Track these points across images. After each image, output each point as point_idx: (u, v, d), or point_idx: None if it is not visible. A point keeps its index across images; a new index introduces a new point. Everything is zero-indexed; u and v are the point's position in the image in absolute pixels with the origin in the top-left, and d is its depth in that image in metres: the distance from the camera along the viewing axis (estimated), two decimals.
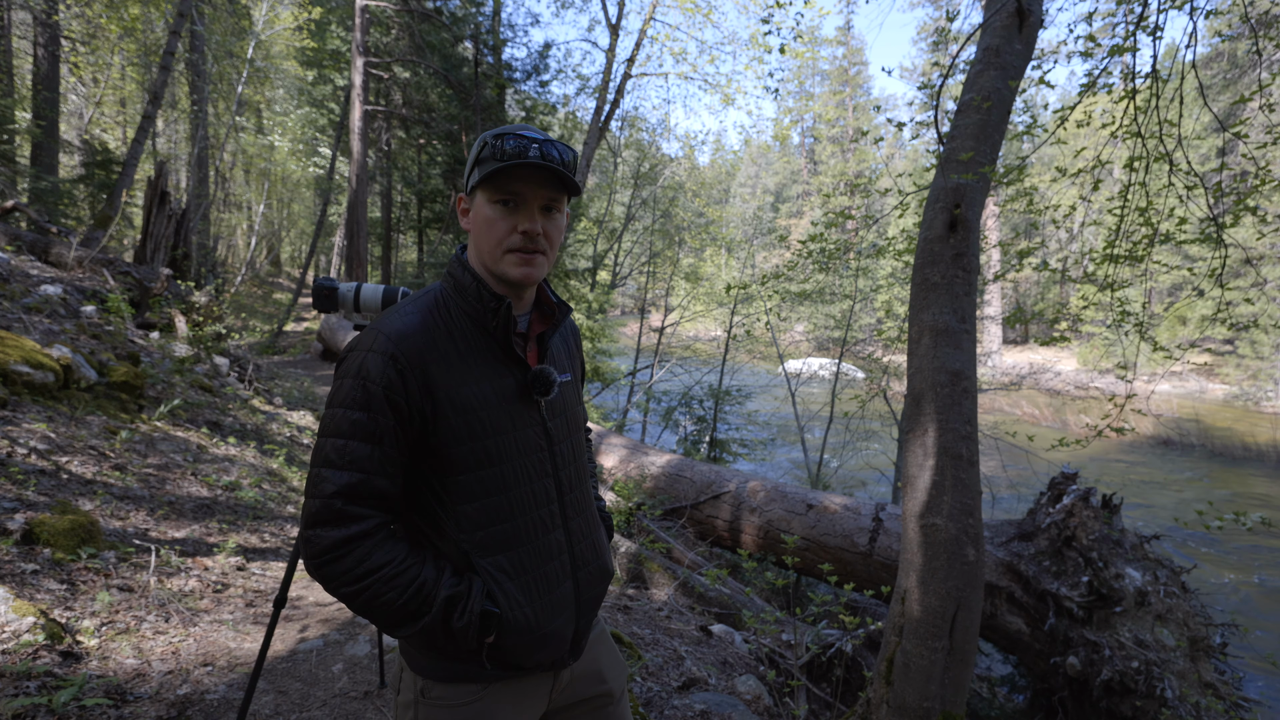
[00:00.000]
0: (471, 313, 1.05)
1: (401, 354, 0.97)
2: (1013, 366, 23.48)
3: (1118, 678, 3.28)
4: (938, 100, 2.78)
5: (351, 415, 0.96)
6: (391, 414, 0.96)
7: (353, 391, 0.97)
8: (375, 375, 0.96)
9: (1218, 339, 21.14)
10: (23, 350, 4.04)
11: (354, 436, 0.96)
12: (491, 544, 1.04)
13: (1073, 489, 3.87)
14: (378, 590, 0.95)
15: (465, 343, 1.04)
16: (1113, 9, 3.97)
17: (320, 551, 0.95)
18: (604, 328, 11.78)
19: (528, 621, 1.05)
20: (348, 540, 0.95)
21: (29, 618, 2.11)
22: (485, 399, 1.03)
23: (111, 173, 12.16)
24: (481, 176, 1.02)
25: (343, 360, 1.01)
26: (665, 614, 4.01)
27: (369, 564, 0.95)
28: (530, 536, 1.08)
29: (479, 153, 1.03)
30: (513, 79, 14.91)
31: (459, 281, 1.07)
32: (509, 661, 1.06)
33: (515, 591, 1.05)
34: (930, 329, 2.67)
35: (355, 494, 0.96)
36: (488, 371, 1.04)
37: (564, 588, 1.11)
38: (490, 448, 1.03)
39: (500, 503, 1.04)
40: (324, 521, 0.95)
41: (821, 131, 42.53)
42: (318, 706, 2.27)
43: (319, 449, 0.98)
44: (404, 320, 1.01)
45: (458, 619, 0.98)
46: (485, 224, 1.04)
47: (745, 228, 31.00)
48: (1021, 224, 25.28)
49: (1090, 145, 3.95)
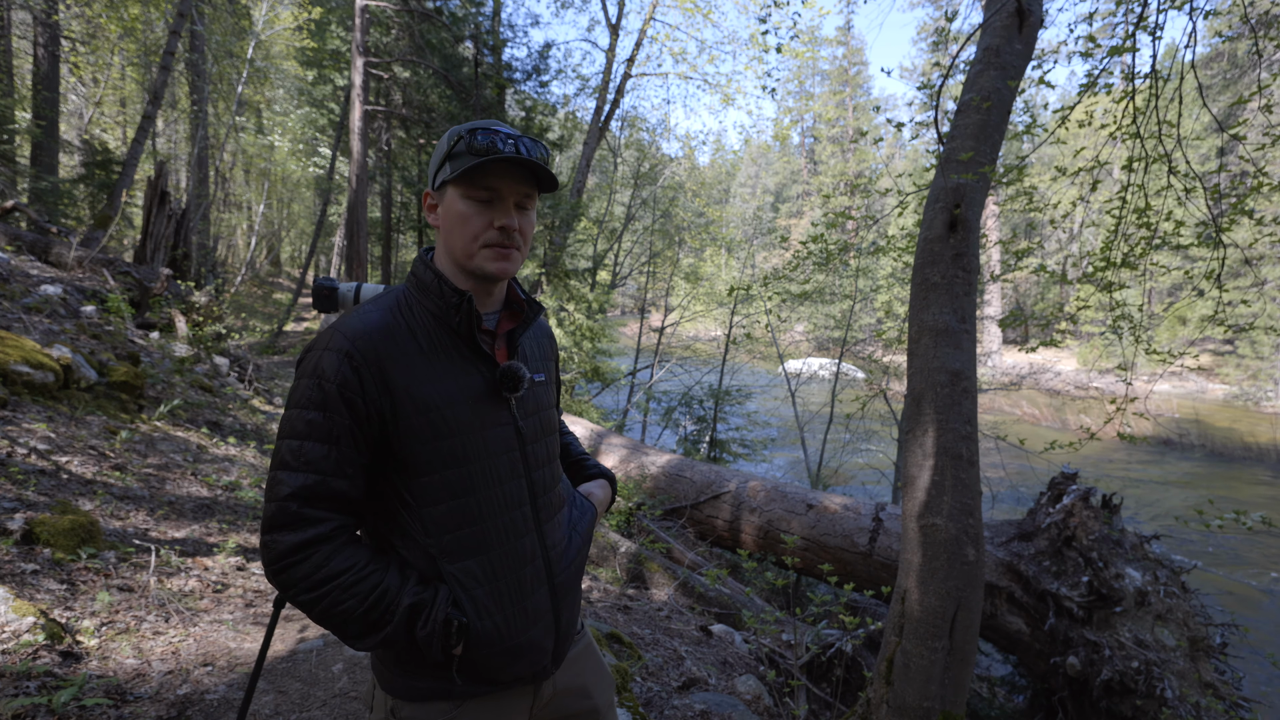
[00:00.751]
0: (435, 310, 1.03)
1: (357, 351, 0.94)
2: (1013, 366, 23.48)
3: (1118, 678, 3.28)
4: (938, 100, 2.78)
5: (307, 415, 0.93)
6: (348, 413, 0.93)
7: (308, 391, 0.94)
8: (330, 373, 0.93)
9: (1218, 339, 21.15)
10: (23, 350, 4.04)
11: (309, 437, 0.93)
12: (459, 549, 1.00)
13: (1073, 489, 3.88)
14: (337, 598, 0.91)
15: (428, 340, 1.01)
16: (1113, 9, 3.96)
17: (277, 556, 0.91)
18: (604, 328, 11.78)
19: (499, 631, 1.01)
20: (304, 544, 0.91)
21: (29, 618, 2.11)
22: (449, 396, 0.99)
23: (111, 173, 12.17)
24: (455, 172, 1.00)
25: (301, 360, 0.99)
26: (665, 614, 4.01)
27: (328, 569, 0.91)
28: (501, 541, 1.03)
29: (450, 147, 1.01)
30: (513, 79, 14.91)
31: (421, 279, 1.05)
32: (482, 675, 1.02)
33: (485, 599, 1.00)
34: (930, 329, 2.67)
35: (312, 496, 0.92)
36: (452, 369, 1.01)
37: (538, 595, 1.07)
38: (455, 447, 0.99)
39: (468, 505, 1.00)
40: (280, 525, 0.91)
41: (821, 131, 42.55)
42: (318, 706, 2.27)
43: (276, 451, 0.95)
44: (363, 318, 0.99)
45: (421, 628, 0.94)
46: (459, 220, 1.02)
47: (745, 228, 31.01)
48: (1021, 224, 25.29)
49: (1090, 145, 3.95)
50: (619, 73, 14.13)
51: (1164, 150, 3.10)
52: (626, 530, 5.58)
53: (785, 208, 45.64)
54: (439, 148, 1.04)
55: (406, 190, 18.69)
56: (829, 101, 41.84)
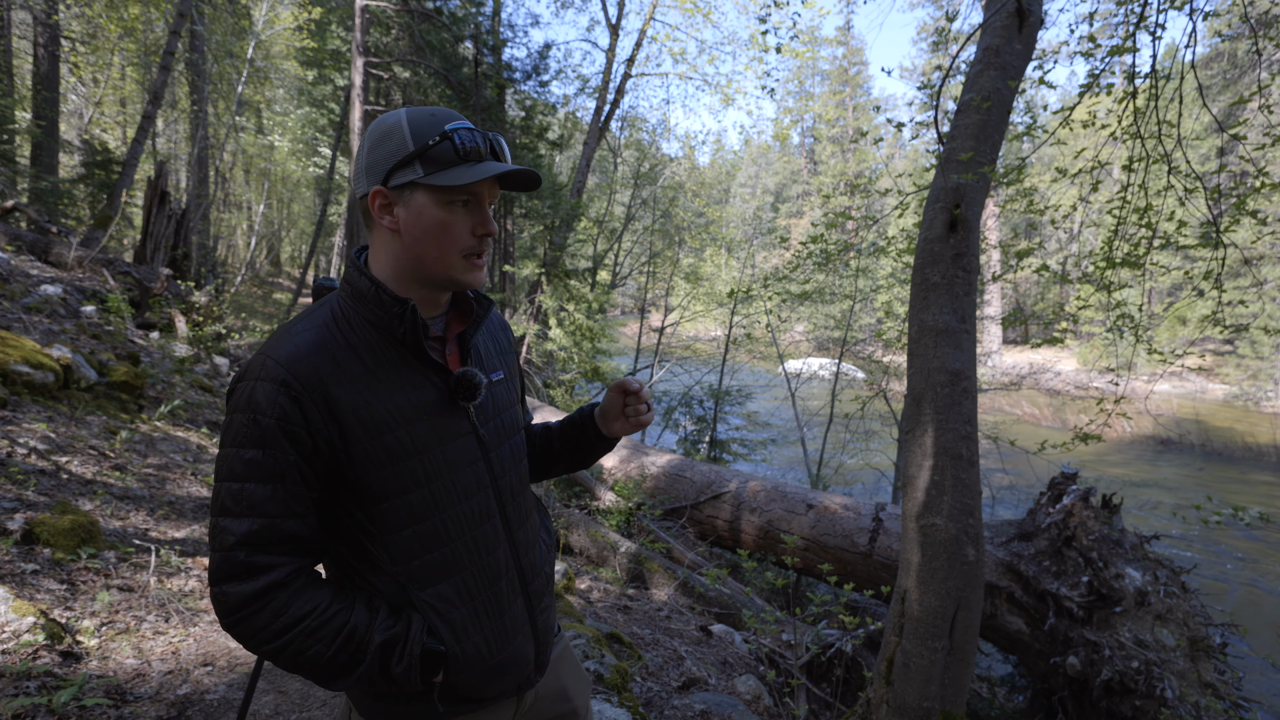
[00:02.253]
0: (374, 321, 0.93)
1: (295, 379, 0.85)
2: (1013, 366, 23.49)
3: (1118, 678, 3.28)
4: (938, 100, 2.78)
5: (245, 454, 0.85)
6: (291, 448, 0.85)
7: (243, 427, 0.85)
8: (265, 406, 0.84)
9: (1218, 339, 21.15)
10: (23, 350, 4.04)
11: (250, 479, 0.85)
12: (428, 574, 0.94)
13: (1072, 489, 3.88)
14: (302, 644, 0.85)
15: (371, 356, 0.92)
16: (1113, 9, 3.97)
17: (231, 609, 0.84)
18: (604, 328, 11.77)
19: (479, 653, 0.97)
20: (258, 594, 0.84)
21: (29, 618, 2.11)
22: (402, 415, 0.92)
23: (111, 173, 12.17)
24: (432, 177, 0.89)
25: (231, 392, 0.89)
26: (665, 614, 4.01)
27: (287, 617, 0.85)
28: (472, 558, 0.98)
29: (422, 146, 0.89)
30: (513, 79, 14.92)
31: (356, 288, 0.94)
32: (467, 696, 0.98)
33: (463, 621, 0.96)
34: (930, 329, 2.67)
35: (260, 541, 0.85)
36: (401, 383, 0.93)
37: (515, 606, 1.04)
38: (415, 468, 0.92)
39: (434, 527, 0.94)
40: (228, 576, 0.84)
41: (821, 131, 42.55)
42: (318, 706, 2.27)
43: (215, 495, 0.86)
44: (295, 340, 0.89)
45: (396, 664, 0.89)
46: (437, 228, 0.92)
47: (745, 228, 31.00)
48: (1021, 224, 25.30)
49: (1090, 146, 3.95)
50: (619, 73, 14.15)
51: (1164, 150, 3.10)
52: (626, 530, 5.58)
53: (785, 208, 45.64)
54: (389, 136, 0.91)
55: None
56: (829, 101, 41.84)
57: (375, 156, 0.92)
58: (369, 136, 0.94)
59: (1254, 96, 2.80)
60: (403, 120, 0.91)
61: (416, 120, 0.91)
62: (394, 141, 0.91)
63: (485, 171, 0.90)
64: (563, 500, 6.16)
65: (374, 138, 0.93)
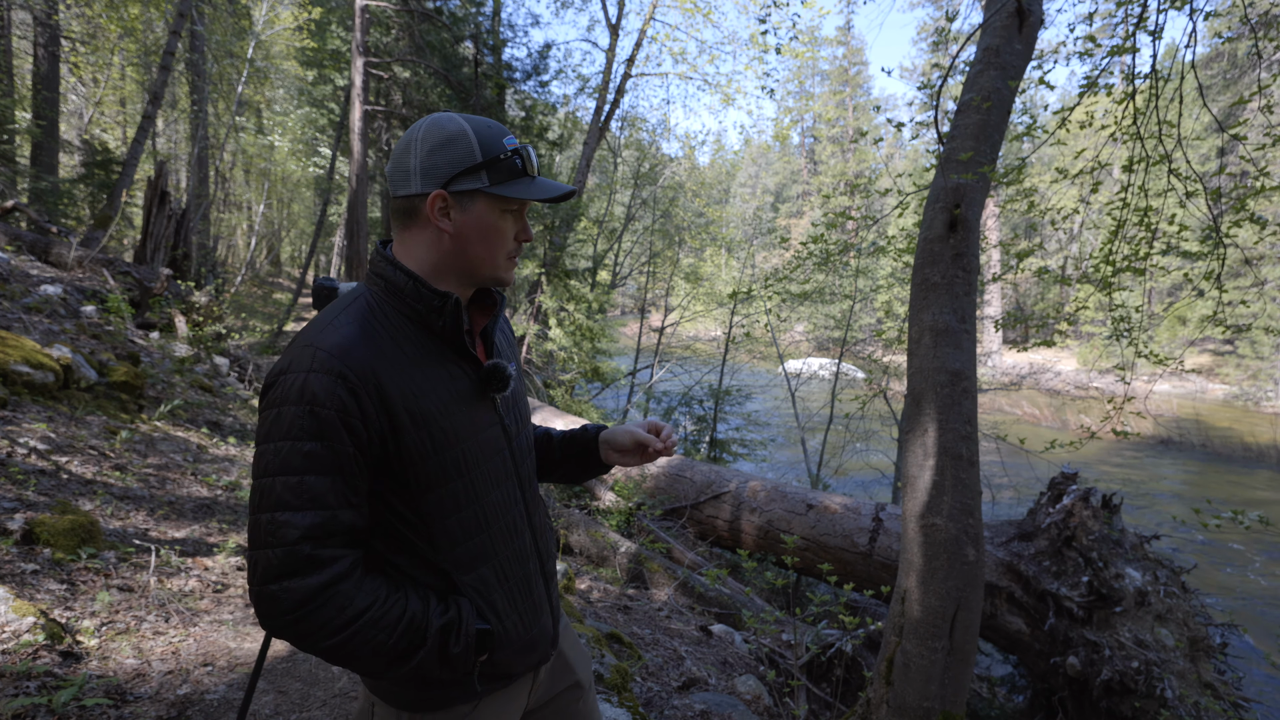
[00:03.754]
0: (411, 314, 0.96)
1: (350, 370, 0.86)
2: (1013, 366, 23.49)
3: (1118, 678, 3.28)
4: (938, 100, 2.78)
5: (303, 447, 0.84)
6: (349, 439, 0.86)
7: (298, 420, 0.84)
8: (324, 398, 0.84)
9: (1218, 339, 21.15)
10: (23, 350, 4.05)
11: (309, 471, 0.84)
12: (471, 559, 0.98)
13: (1073, 489, 3.88)
14: (366, 635, 0.86)
15: (411, 347, 0.94)
16: (1113, 9, 3.96)
17: (293, 606, 0.83)
18: (604, 328, 11.77)
19: (516, 631, 1.02)
20: (323, 588, 0.84)
21: (29, 618, 2.11)
22: (443, 405, 0.95)
23: (111, 173, 12.17)
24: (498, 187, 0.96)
25: (273, 385, 0.88)
26: (665, 614, 4.01)
27: (352, 609, 0.85)
28: (505, 543, 1.03)
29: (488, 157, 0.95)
30: (513, 79, 14.92)
31: (392, 282, 0.96)
32: (501, 673, 1.03)
33: (501, 602, 1.01)
34: (930, 329, 2.67)
35: (322, 534, 0.85)
36: (441, 375, 0.96)
37: (539, 586, 1.09)
38: (456, 457, 0.95)
39: (473, 514, 0.98)
40: (292, 572, 0.83)
41: (821, 131, 42.55)
42: (318, 706, 2.27)
43: (266, 491, 0.85)
44: (341, 332, 0.90)
45: (454, 645, 0.93)
46: (491, 232, 0.98)
47: (745, 228, 31.01)
48: (1021, 224, 25.30)
49: (1090, 146, 3.95)
50: (619, 73, 14.15)
51: (1164, 151, 3.10)
52: (626, 530, 5.58)
53: (785, 208, 45.64)
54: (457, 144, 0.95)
55: None
56: (829, 101, 41.85)
57: (436, 160, 0.95)
58: (426, 139, 0.96)
59: (1254, 96, 2.80)
60: (467, 130, 0.95)
61: (481, 131, 0.96)
62: (460, 149, 0.95)
63: (545, 191, 0.98)
64: (563, 500, 6.16)
65: (434, 142, 0.95)
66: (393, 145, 18.16)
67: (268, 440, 0.87)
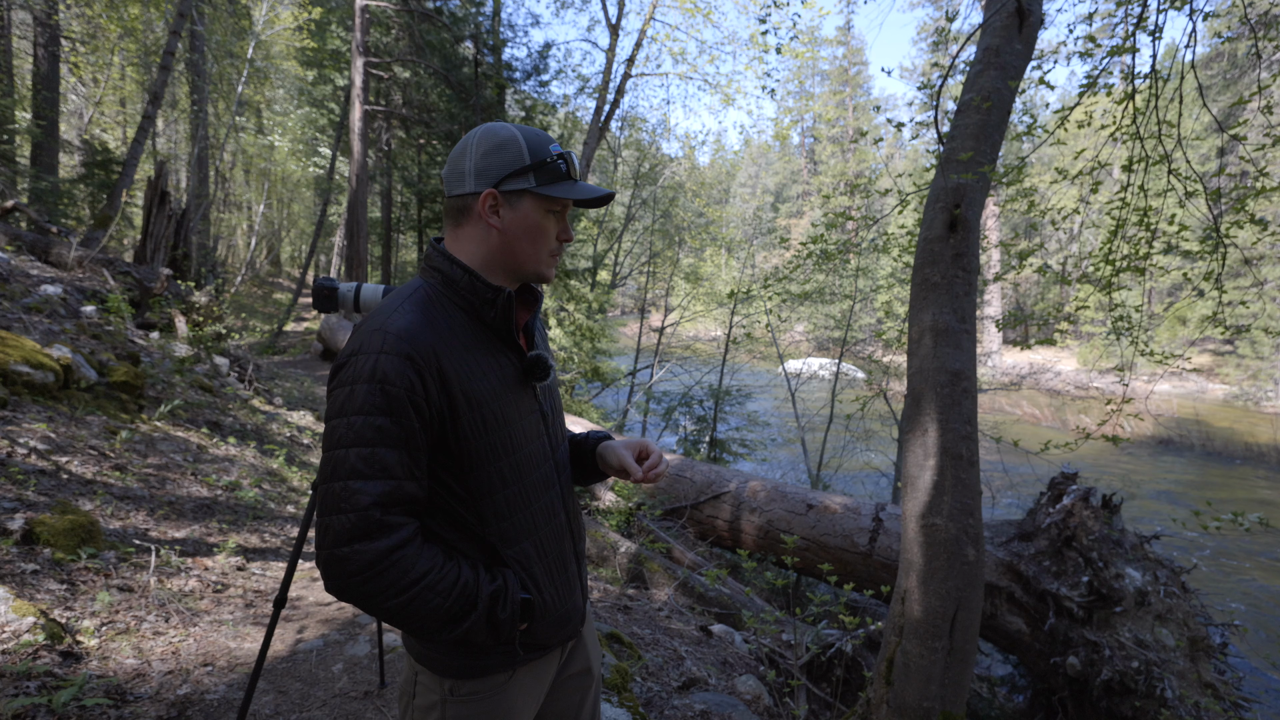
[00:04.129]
0: (465, 305, 1.05)
1: (416, 353, 0.95)
2: (1013, 366, 23.48)
3: (1118, 678, 3.28)
4: (938, 100, 2.78)
5: (375, 421, 0.93)
6: (415, 417, 0.95)
7: (370, 397, 0.93)
8: (394, 377, 0.93)
9: (1218, 339, 21.15)
10: (23, 350, 4.05)
11: (381, 443, 0.93)
12: (515, 533, 1.07)
13: (1073, 489, 3.88)
14: (424, 598, 0.94)
15: (465, 335, 1.03)
16: (1112, 9, 3.96)
17: (363, 567, 0.91)
18: (604, 328, 11.78)
19: (552, 603, 1.10)
20: (390, 551, 0.92)
21: (29, 618, 2.11)
22: (494, 390, 1.03)
23: (111, 173, 12.17)
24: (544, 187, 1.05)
25: (344, 365, 0.97)
26: (665, 614, 4.01)
27: (414, 572, 0.93)
28: (544, 521, 1.11)
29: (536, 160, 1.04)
30: (513, 79, 14.92)
31: (448, 276, 1.06)
32: (537, 643, 1.10)
33: (540, 575, 1.09)
34: (930, 329, 2.67)
35: (390, 502, 0.94)
36: (491, 363, 1.05)
37: (571, 565, 1.17)
38: (504, 438, 1.04)
39: (517, 492, 1.07)
40: (363, 535, 0.92)
41: (821, 131, 42.55)
42: (318, 706, 2.27)
43: (339, 461, 0.94)
44: (407, 318, 0.98)
45: (502, 611, 1.00)
46: (536, 231, 1.07)
47: (745, 228, 31.00)
48: (1021, 224, 25.30)
49: (1090, 146, 3.95)
50: (619, 73, 14.14)
51: (1164, 151, 3.10)
52: (626, 530, 5.58)
53: (785, 208, 45.63)
54: (505, 148, 1.04)
55: (406, 190, 18.68)
56: (829, 101, 41.84)
57: (489, 162, 1.05)
58: (480, 144, 1.06)
59: (1254, 96, 2.80)
60: (518, 136, 1.05)
61: (530, 138, 1.06)
62: (510, 152, 1.04)
63: (586, 192, 1.07)
64: None
65: (488, 146, 1.05)
66: (392, 145, 18.22)
67: (341, 415, 0.95)
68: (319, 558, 0.94)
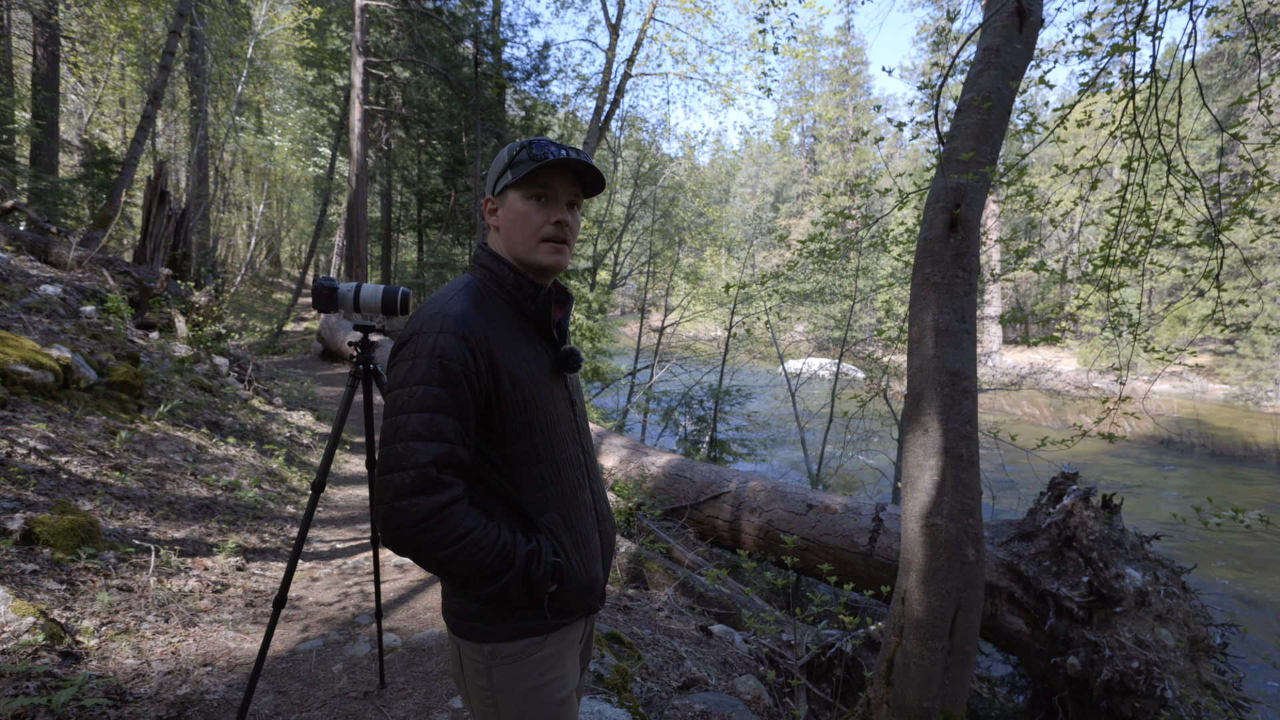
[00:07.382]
0: (509, 299, 1.19)
1: (471, 334, 1.07)
2: (1013, 366, 23.48)
3: (1118, 678, 3.28)
4: (938, 100, 2.78)
5: (434, 391, 1.05)
6: (468, 389, 1.06)
7: (430, 369, 1.05)
8: (452, 354, 1.05)
9: (1218, 339, 21.16)
10: (23, 350, 4.04)
11: (438, 410, 1.04)
12: (547, 503, 1.17)
13: (1073, 489, 3.87)
14: (470, 552, 1.04)
15: (511, 325, 1.16)
16: (1112, 9, 3.96)
17: (419, 519, 1.01)
18: (604, 328, 11.78)
19: (579, 570, 1.19)
20: (443, 506, 1.03)
21: (29, 618, 2.11)
22: (532, 374, 1.16)
23: (111, 173, 12.16)
24: (517, 176, 1.15)
25: (407, 342, 1.09)
26: (665, 614, 4.01)
27: (462, 528, 1.04)
28: (572, 495, 1.21)
29: (511, 157, 1.16)
30: (513, 79, 14.91)
31: (495, 273, 1.19)
32: (565, 609, 1.19)
33: (568, 544, 1.18)
34: (930, 329, 2.67)
35: (445, 463, 1.05)
36: (530, 351, 1.18)
37: (594, 541, 1.26)
38: (540, 418, 1.16)
39: (550, 466, 1.18)
40: (421, 490, 1.02)
41: (821, 131, 42.54)
42: (318, 706, 2.27)
43: (400, 426, 1.05)
44: (462, 304, 1.11)
45: (535, 569, 1.10)
46: (520, 218, 1.17)
47: (745, 228, 30.99)
48: (1021, 224, 25.28)
49: (1090, 145, 3.95)
50: (619, 72, 14.14)
51: (1164, 150, 3.10)
52: (626, 530, 5.57)
53: (785, 208, 45.62)
54: (498, 160, 1.20)
55: (406, 190, 18.69)
56: (829, 101, 41.83)
57: (491, 174, 1.22)
58: (494, 163, 1.22)
59: (1254, 96, 2.80)
60: (507, 146, 1.19)
61: (514, 144, 1.19)
62: (500, 160, 1.19)
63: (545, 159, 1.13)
64: None
65: (494, 162, 1.22)
66: (392, 145, 18.23)
67: (403, 385, 1.07)
68: (378, 512, 1.05)
